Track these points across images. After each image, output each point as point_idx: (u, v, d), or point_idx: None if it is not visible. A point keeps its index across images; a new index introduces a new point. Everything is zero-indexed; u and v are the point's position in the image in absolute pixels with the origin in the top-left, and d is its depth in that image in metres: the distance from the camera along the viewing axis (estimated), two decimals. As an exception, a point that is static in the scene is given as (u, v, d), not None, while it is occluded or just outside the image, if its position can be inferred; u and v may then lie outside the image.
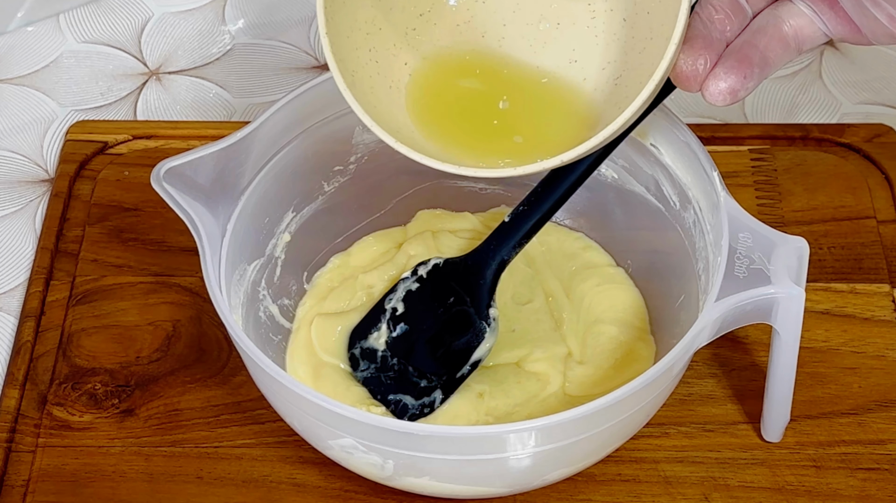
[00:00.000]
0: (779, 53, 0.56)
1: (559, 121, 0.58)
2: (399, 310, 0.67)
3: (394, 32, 0.59)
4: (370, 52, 0.58)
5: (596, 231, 0.72)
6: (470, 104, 0.59)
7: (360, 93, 0.56)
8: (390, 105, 0.58)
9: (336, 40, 0.55)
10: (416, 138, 0.57)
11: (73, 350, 0.71)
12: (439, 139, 0.58)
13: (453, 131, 0.59)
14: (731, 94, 0.54)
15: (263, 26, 0.87)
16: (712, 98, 0.55)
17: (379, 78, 0.58)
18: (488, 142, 0.58)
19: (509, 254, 0.65)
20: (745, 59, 0.54)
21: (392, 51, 0.59)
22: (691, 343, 0.57)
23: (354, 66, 0.57)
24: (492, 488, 0.62)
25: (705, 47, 0.54)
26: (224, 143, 0.63)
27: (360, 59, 0.57)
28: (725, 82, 0.54)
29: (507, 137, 0.58)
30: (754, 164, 0.77)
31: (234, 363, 0.70)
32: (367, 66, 0.57)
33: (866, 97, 0.82)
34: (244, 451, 0.67)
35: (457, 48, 0.60)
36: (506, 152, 0.58)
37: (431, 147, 0.57)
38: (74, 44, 0.87)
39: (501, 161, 0.57)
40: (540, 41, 0.60)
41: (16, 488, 0.66)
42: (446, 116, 0.59)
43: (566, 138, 0.56)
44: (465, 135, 0.59)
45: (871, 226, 0.74)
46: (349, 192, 0.70)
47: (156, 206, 0.65)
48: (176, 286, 0.73)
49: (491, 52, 0.60)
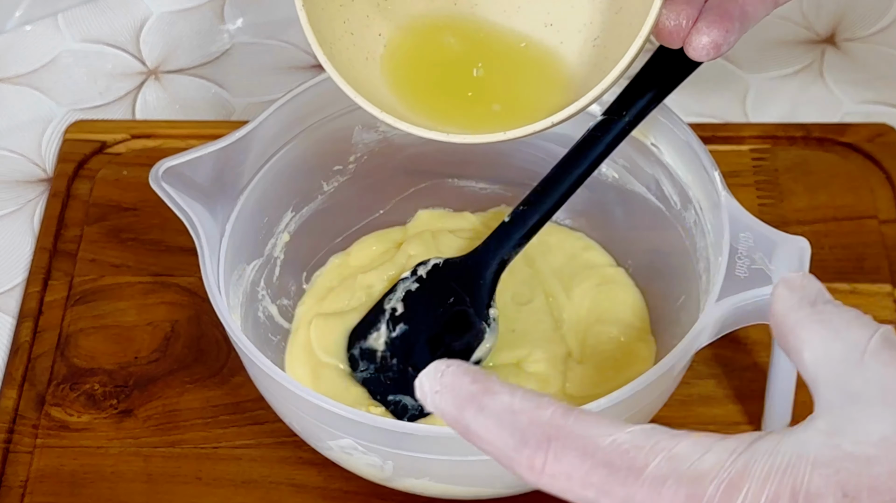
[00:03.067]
0: (757, 7, 0.56)
1: (539, 86, 0.58)
2: (399, 310, 0.67)
3: (367, 3, 0.58)
4: (345, 24, 0.57)
5: (596, 231, 0.72)
6: (446, 73, 0.59)
7: (339, 65, 0.55)
8: (369, 76, 0.57)
9: (312, 13, 0.55)
10: (397, 109, 0.57)
11: (71, 350, 0.71)
12: (418, 109, 0.58)
13: (431, 101, 0.58)
14: (715, 49, 0.55)
15: (263, 25, 0.87)
16: (696, 53, 0.55)
17: (355, 50, 0.57)
18: (466, 110, 0.58)
19: (509, 254, 0.65)
20: (725, 13, 0.55)
21: (365, 22, 0.58)
22: (692, 343, 0.57)
23: (332, 38, 0.56)
24: (492, 489, 0.62)
25: (686, 3, 0.55)
26: (223, 143, 0.63)
27: (336, 32, 0.57)
28: (708, 36, 0.55)
29: (486, 105, 0.58)
30: (755, 164, 0.77)
31: (233, 363, 0.70)
32: (342, 39, 0.57)
33: (868, 97, 0.82)
34: (243, 452, 0.67)
35: (430, 16, 0.59)
36: (486, 120, 0.57)
37: (413, 117, 0.57)
38: (73, 43, 0.87)
39: (481, 128, 0.55)
40: (514, 5, 0.59)
41: (14, 489, 0.66)
42: (423, 86, 0.58)
43: (547, 104, 0.55)
44: (443, 104, 0.58)
45: (873, 226, 0.74)
46: (349, 192, 0.70)
47: (154, 205, 0.64)
48: (174, 286, 0.73)
49: (465, 19, 0.60)
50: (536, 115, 0.53)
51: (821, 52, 0.84)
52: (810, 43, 0.85)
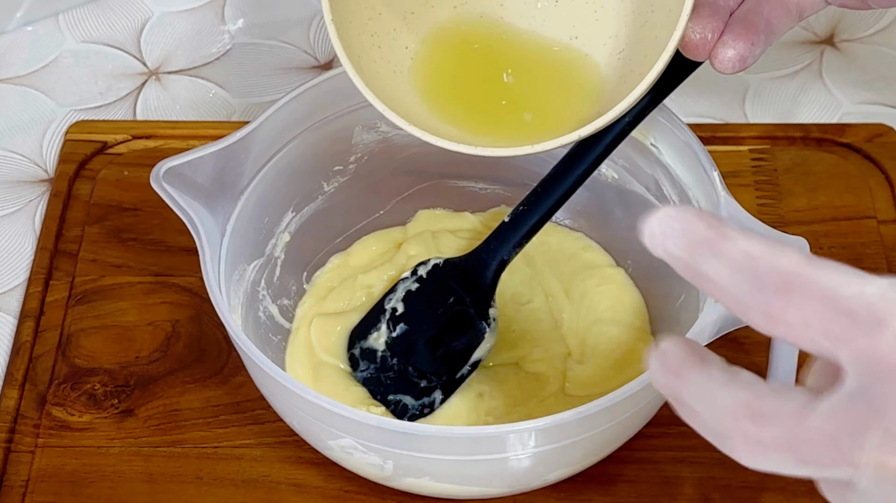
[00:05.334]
0: (782, 20, 0.56)
1: (569, 94, 0.58)
2: (399, 310, 0.67)
3: (393, 16, 0.59)
4: (372, 38, 0.58)
5: (596, 231, 0.72)
6: (475, 84, 0.59)
7: (367, 78, 0.56)
8: (395, 89, 0.58)
9: (341, 27, 0.55)
10: (424, 121, 0.57)
11: (72, 350, 0.71)
12: (449, 119, 0.58)
13: (461, 111, 0.59)
14: (741, 62, 0.55)
15: (263, 26, 0.87)
16: (722, 66, 0.55)
17: (382, 62, 0.58)
18: (497, 120, 0.58)
19: (509, 254, 0.65)
20: (750, 25, 0.55)
21: (392, 35, 0.59)
22: (691, 343, 0.57)
23: (360, 51, 0.57)
24: (492, 488, 0.62)
25: (712, 16, 0.55)
26: (223, 143, 0.63)
27: (364, 44, 0.57)
28: (734, 49, 0.55)
29: (517, 114, 0.58)
30: (755, 164, 0.77)
31: (234, 363, 0.70)
32: (370, 51, 0.57)
33: (867, 97, 0.82)
34: (244, 452, 0.67)
35: (456, 29, 0.60)
36: (517, 130, 0.58)
37: (443, 128, 0.57)
38: (74, 43, 0.87)
39: (514, 139, 0.56)
40: (539, 18, 0.60)
41: (15, 488, 0.66)
42: (453, 97, 0.59)
43: (576, 114, 0.56)
44: (473, 115, 0.59)
45: (872, 226, 0.74)
46: (349, 192, 0.70)
47: (155, 205, 0.64)
48: (175, 286, 0.73)
49: (491, 32, 0.60)
50: (565, 126, 0.54)
51: (820, 52, 0.84)
52: (809, 43, 0.85)
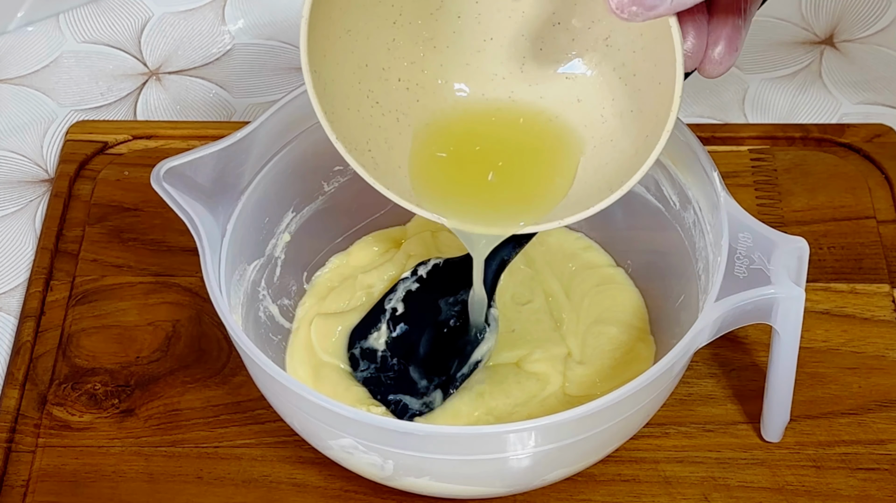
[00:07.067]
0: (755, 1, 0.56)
1: (557, 177, 0.60)
2: (399, 310, 0.67)
3: (389, 112, 0.60)
4: (380, 130, 0.60)
5: (596, 231, 0.72)
6: (467, 174, 0.61)
7: (366, 163, 0.59)
8: (397, 175, 0.61)
9: (332, 116, 0.58)
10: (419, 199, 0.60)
11: (72, 350, 0.71)
12: (442, 205, 0.61)
13: (456, 201, 0.61)
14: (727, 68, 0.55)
15: (263, 26, 0.87)
16: (711, 76, 0.55)
17: (383, 153, 0.60)
18: (486, 206, 0.61)
19: (509, 254, 0.65)
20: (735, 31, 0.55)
21: (396, 127, 0.60)
22: (691, 343, 0.57)
23: (360, 144, 0.59)
24: (492, 488, 0.62)
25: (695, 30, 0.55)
26: (224, 143, 0.63)
27: (366, 135, 0.60)
28: (723, 65, 0.55)
29: (505, 199, 0.60)
30: (754, 164, 0.77)
31: (234, 363, 0.70)
32: (372, 141, 0.60)
33: (866, 97, 0.82)
34: (244, 451, 0.67)
35: (447, 124, 0.61)
36: (506, 209, 0.60)
37: (435, 206, 0.60)
38: (74, 44, 0.87)
39: (503, 217, 0.60)
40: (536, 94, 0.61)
41: (15, 488, 0.66)
42: (447, 187, 0.61)
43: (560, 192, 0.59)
44: (464, 203, 0.61)
45: (871, 226, 0.74)
46: (349, 192, 0.70)
47: (156, 206, 0.65)
48: (176, 286, 0.73)
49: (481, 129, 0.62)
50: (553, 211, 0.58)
51: (819, 52, 0.84)
52: (809, 44, 0.85)
